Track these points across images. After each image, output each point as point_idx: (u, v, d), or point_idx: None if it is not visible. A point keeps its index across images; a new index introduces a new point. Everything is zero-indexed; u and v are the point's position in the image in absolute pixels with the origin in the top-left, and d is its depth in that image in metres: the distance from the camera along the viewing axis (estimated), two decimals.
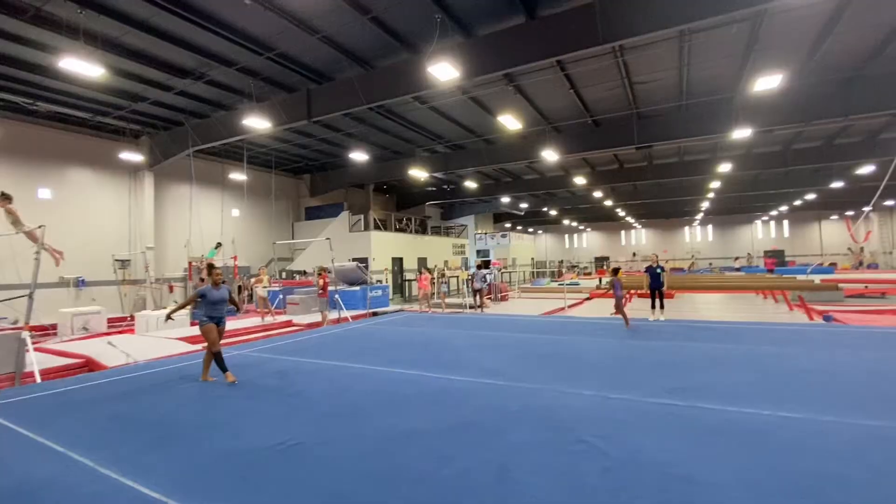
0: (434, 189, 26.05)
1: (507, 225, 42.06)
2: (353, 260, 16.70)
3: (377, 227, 20.43)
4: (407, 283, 20.99)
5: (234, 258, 15.04)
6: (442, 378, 5.28)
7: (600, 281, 23.97)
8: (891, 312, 10.40)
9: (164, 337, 9.15)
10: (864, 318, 9.58)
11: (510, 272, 29.29)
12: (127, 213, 14.96)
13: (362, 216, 20.41)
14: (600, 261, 44.64)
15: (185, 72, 10.55)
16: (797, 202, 30.80)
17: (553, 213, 36.44)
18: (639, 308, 11.63)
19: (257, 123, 11.41)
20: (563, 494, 2.62)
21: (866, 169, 18.97)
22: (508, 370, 5.57)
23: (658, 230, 43.73)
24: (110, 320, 11.63)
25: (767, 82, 9.52)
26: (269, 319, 11.61)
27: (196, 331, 6.66)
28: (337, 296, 11.65)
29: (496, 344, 7.42)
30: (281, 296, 14.07)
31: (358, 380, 5.36)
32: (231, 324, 11.43)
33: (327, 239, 12.14)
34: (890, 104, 11.30)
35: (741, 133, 12.74)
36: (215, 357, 5.32)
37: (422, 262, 22.25)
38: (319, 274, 11.39)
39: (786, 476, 2.74)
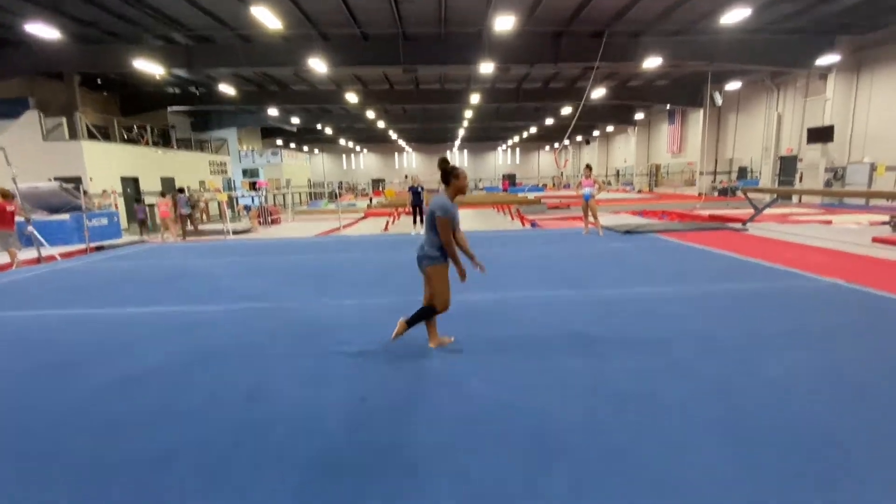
0: (178, 91, 21.12)
1: (279, 142, 38.32)
2: (57, 179, 12.50)
3: (93, 137, 15.58)
4: (149, 208, 17.20)
5: None
6: (189, 311, 4.74)
7: (371, 201, 25.56)
8: (571, 219, 14.48)
9: None
10: (556, 224, 13.07)
11: (283, 194, 27.36)
12: None
13: (65, 119, 15.11)
14: (377, 182, 46.38)
15: None
16: (525, 134, 38.23)
17: (328, 130, 34.99)
18: (405, 223, 12.78)
19: None
20: (311, 399, 2.82)
21: (566, 110, 24.75)
22: (271, 293, 5.42)
23: (425, 154, 47.74)
24: None
25: (504, 22, 10.92)
26: None
27: None
28: (31, 227, 8.65)
29: (260, 269, 7.03)
30: None
31: (66, 329, 4.29)
32: None
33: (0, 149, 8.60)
34: (584, 58, 14.72)
35: (487, 67, 14.52)
36: (436, 312, 3.46)
37: (167, 182, 18.48)
38: None
39: (499, 338, 3.67)
